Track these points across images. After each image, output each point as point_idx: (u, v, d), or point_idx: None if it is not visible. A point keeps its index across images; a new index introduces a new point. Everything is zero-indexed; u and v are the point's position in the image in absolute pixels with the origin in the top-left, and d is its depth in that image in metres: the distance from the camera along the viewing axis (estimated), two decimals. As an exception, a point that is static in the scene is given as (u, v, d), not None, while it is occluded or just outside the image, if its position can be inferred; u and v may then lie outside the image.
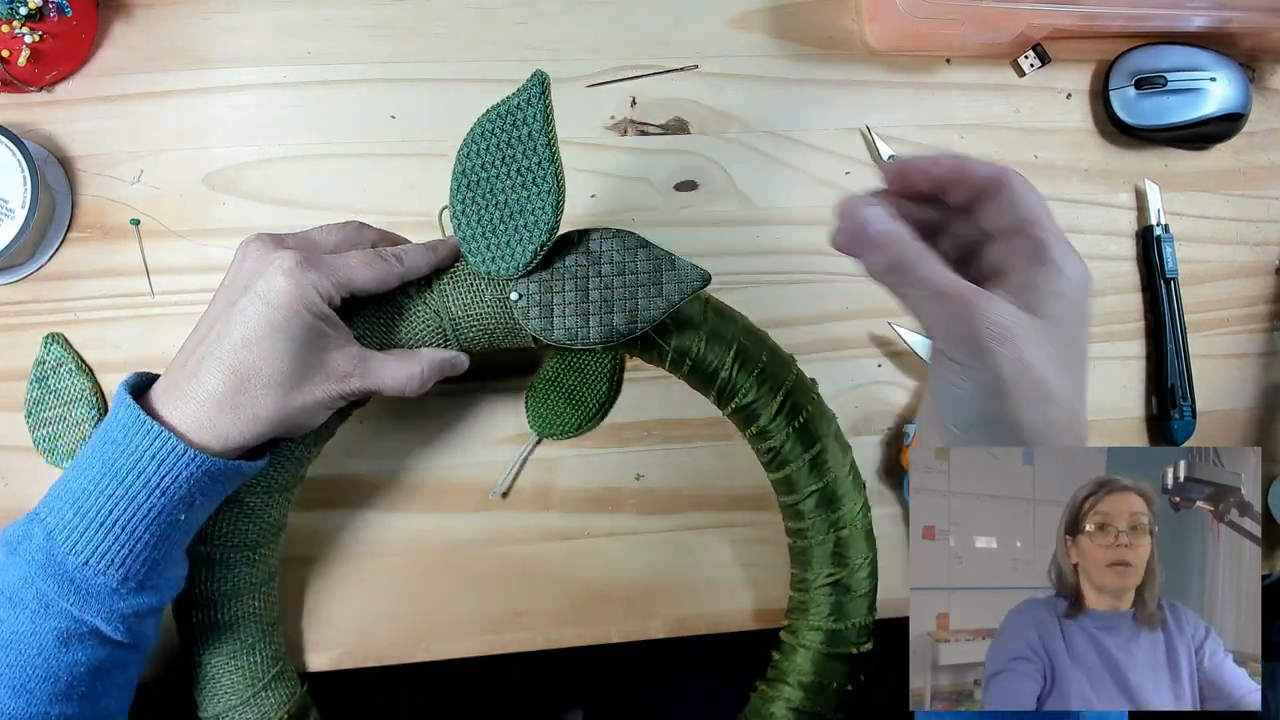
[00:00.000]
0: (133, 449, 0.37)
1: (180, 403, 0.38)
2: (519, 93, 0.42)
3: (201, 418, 0.38)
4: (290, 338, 0.38)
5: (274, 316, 0.38)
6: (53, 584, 0.37)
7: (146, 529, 0.38)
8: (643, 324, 0.45)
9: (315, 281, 0.39)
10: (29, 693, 0.37)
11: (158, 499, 0.37)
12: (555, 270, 0.45)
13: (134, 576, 0.38)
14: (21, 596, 0.37)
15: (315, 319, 0.39)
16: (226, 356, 0.38)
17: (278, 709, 0.46)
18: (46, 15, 0.52)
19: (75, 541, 0.37)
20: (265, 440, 0.40)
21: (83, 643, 0.38)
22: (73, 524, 0.37)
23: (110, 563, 0.37)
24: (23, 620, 0.37)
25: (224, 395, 0.38)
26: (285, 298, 0.38)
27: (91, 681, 0.39)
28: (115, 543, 0.37)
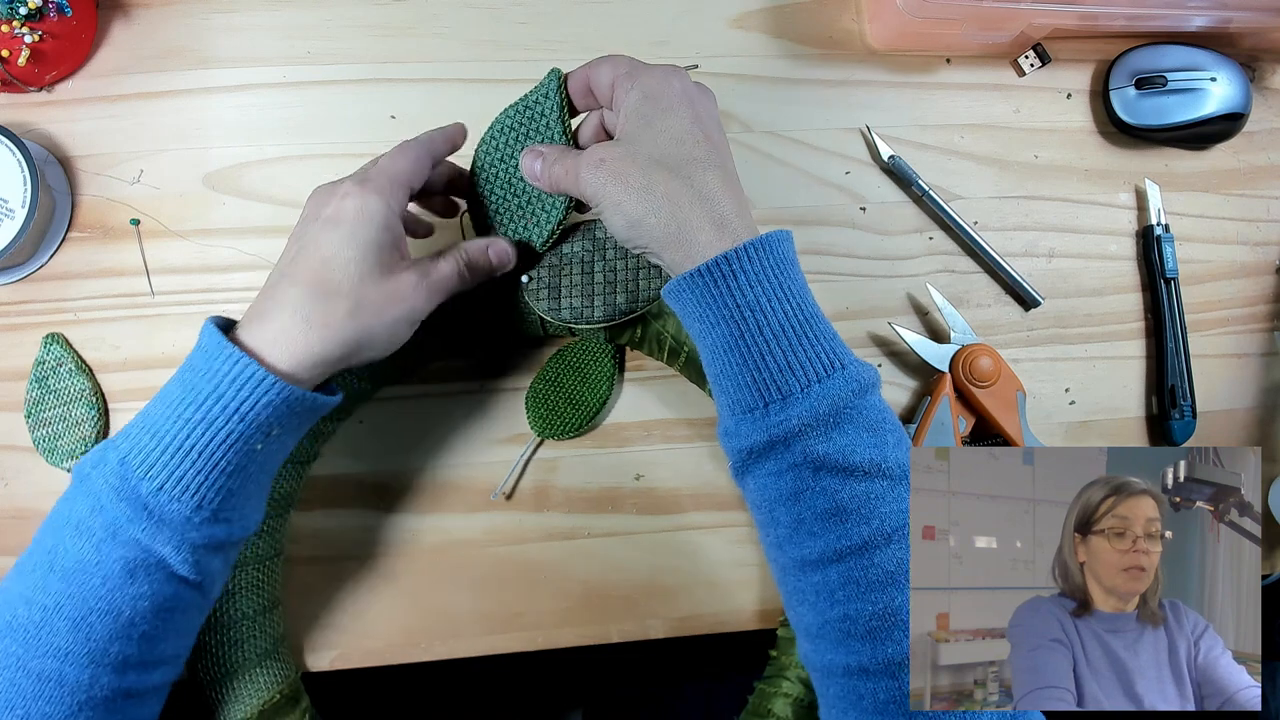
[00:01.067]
0: (213, 373, 0.38)
1: (258, 327, 0.39)
2: (537, 88, 0.46)
3: (278, 337, 0.39)
4: (359, 245, 0.40)
5: (341, 230, 0.40)
6: (125, 509, 0.37)
7: (223, 455, 0.37)
8: (643, 303, 0.48)
9: (375, 192, 0.41)
10: (88, 626, 0.37)
11: (236, 424, 0.37)
12: (563, 256, 0.49)
13: (208, 505, 0.38)
14: (89, 525, 0.37)
15: (385, 228, 0.41)
16: (300, 274, 0.40)
17: (271, 687, 0.47)
18: (46, 15, 0.52)
19: (150, 466, 0.37)
20: (342, 357, 0.40)
21: (149, 575, 0.37)
22: (148, 449, 0.37)
23: (185, 489, 0.37)
24: (88, 549, 0.37)
25: (298, 309, 0.39)
26: (349, 213, 0.41)
27: (153, 620, 0.38)
28: (191, 468, 0.37)
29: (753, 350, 0.38)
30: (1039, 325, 0.58)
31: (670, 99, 0.41)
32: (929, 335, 0.56)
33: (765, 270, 0.39)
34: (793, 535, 0.39)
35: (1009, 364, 0.54)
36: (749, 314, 0.38)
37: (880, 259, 0.58)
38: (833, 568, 0.38)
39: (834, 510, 0.38)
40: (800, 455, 0.38)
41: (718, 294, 0.39)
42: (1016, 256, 0.58)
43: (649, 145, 0.41)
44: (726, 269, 0.38)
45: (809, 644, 0.40)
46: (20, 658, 0.36)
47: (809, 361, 0.38)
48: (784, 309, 0.39)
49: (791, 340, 0.38)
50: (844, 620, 0.37)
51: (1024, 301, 0.58)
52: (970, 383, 0.53)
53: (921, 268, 0.58)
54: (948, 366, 0.54)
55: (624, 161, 0.41)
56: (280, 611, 0.50)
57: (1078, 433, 0.58)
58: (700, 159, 0.40)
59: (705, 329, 0.40)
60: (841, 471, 0.37)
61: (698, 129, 0.41)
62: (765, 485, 0.40)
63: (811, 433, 0.38)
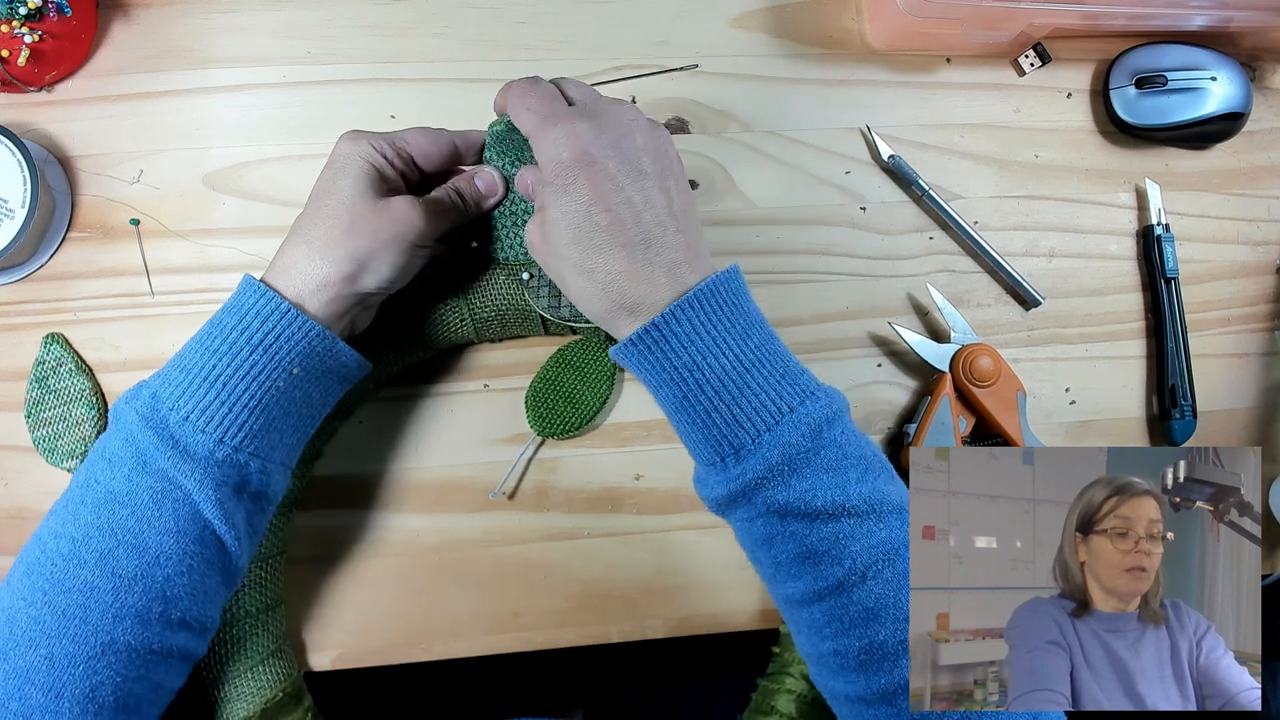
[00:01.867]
0: (239, 307, 0.40)
1: (276, 264, 0.42)
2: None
3: (289, 265, 0.41)
4: (349, 176, 0.43)
5: (335, 167, 0.43)
6: (153, 439, 0.38)
7: (246, 388, 0.39)
8: None
9: (371, 140, 0.44)
10: (114, 559, 0.37)
11: (259, 356, 0.39)
12: None
13: (229, 440, 0.39)
14: (120, 456, 0.38)
15: (371, 166, 0.43)
16: (306, 214, 0.43)
17: (274, 685, 0.47)
18: (46, 15, 0.52)
19: (178, 398, 0.39)
20: (345, 276, 0.41)
21: (175, 508, 0.38)
22: (176, 380, 0.39)
23: (209, 419, 0.38)
24: (119, 479, 0.38)
25: (300, 236, 0.42)
26: (343, 152, 0.43)
27: (177, 563, 0.38)
28: (215, 399, 0.39)
29: (698, 409, 0.39)
30: (1039, 325, 0.58)
31: (561, 177, 0.39)
32: (929, 335, 0.56)
33: (697, 325, 0.38)
34: (775, 575, 0.41)
35: (1009, 364, 0.54)
36: (687, 374, 0.39)
37: (880, 259, 0.58)
38: (815, 606, 0.39)
39: (805, 554, 0.38)
40: (763, 505, 0.38)
41: (654, 358, 0.39)
42: (1016, 256, 0.58)
43: (553, 236, 0.40)
44: (656, 334, 0.38)
45: (813, 667, 0.42)
46: (46, 593, 0.37)
47: (755, 413, 0.38)
48: (720, 364, 0.38)
49: (734, 394, 0.38)
50: (835, 655, 0.38)
51: (1024, 301, 0.58)
52: (970, 383, 0.53)
53: (921, 267, 0.58)
54: (948, 366, 0.54)
55: (543, 250, 0.42)
56: (282, 610, 0.50)
57: (1078, 433, 0.58)
58: (600, 244, 0.38)
59: (654, 388, 0.41)
60: (805, 517, 0.38)
61: (595, 206, 0.38)
62: (742, 529, 0.41)
63: (769, 484, 0.38)
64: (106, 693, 0.37)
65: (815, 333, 0.56)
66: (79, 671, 0.36)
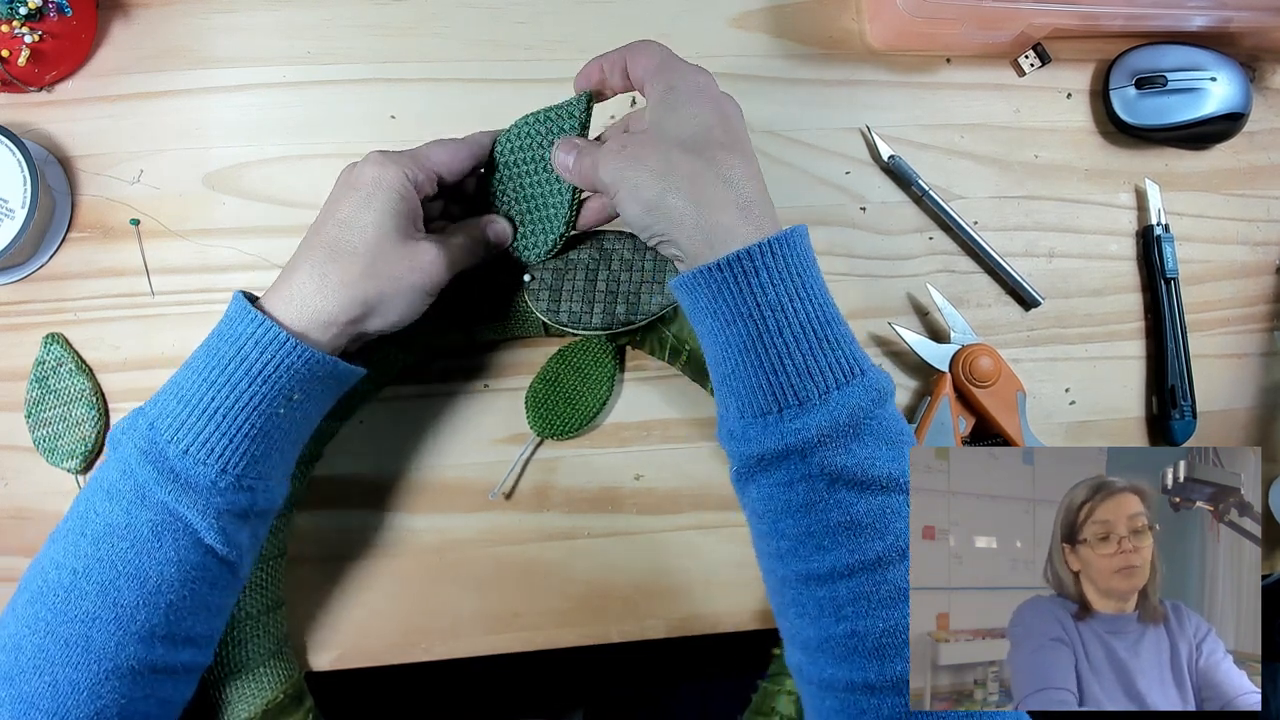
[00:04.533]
0: (236, 335, 0.39)
1: (281, 290, 0.40)
2: (564, 104, 0.46)
3: (293, 296, 0.40)
4: (375, 209, 0.41)
5: (360, 194, 0.41)
6: (152, 473, 0.37)
7: (246, 418, 0.38)
8: (642, 316, 0.48)
9: (403, 166, 0.42)
10: (116, 590, 0.37)
11: (259, 387, 0.38)
12: (568, 261, 0.49)
13: (232, 469, 0.38)
14: (119, 489, 0.38)
15: (402, 199, 0.42)
16: (320, 236, 0.41)
17: (275, 687, 0.47)
18: (46, 15, 0.52)
19: (177, 430, 0.38)
20: (354, 319, 0.41)
21: (176, 540, 0.38)
22: (175, 412, 0.38)
23: (210, 451, 0.38)
24: (118, 512, 0.37)
25: (315, 267, 0.40)
26: (367, 179, 0.41)
27: (180, 589, 0.38)
28: (216, 430, 0.38)
29: (770, 352, 0.37)
30: (1039, 325, 0.58)
31: (697, 91, 0.41)
32: (929, 335, 0.56)
33: (789, 268, 0.37)
34: (798, 548, 0.38)
35: (1009, 364, 0.54)
36: (769, 314, 0.37)
37: (880, 259, 0.58)
38: (842, 583, 0.37)
39: (848, 524, 0.36)
40: (817, 467, 0.36)
41: (737, 291, 0.37)
42: (1016, 256, 0.58)
43: (672, 130, 0.40)
44: (750, 265, 0.37)
45: (804, 656, 0.39)
46: (49, 623, 0.37)
47: (829, 368, 0.37)
48: (806, 310, 0.37)
49: (812, 344, 0.37)
50: (851, 636, 0.36)
51: (1024, 301, 0.58)
52: (970, 383, 0.53)
53: (921, 268, 0.58)
54: (948, 366, 0.54)
55: (644, 146, 0.40)
56: (283, 611, 0.50)
57: (1078, 433, 0.58)
58: (723, 143, 0.40)
59: (720, 325, 0.38)
60: (858, 485, 0.36)
61: (721, 120, 0.40)
62: (773, 495, 0.38)
63: (830, 443, 0.36)
64: (112, 714, 0.37)
65: (815, 333, 0.56)
66: (84, 697, 0.36)
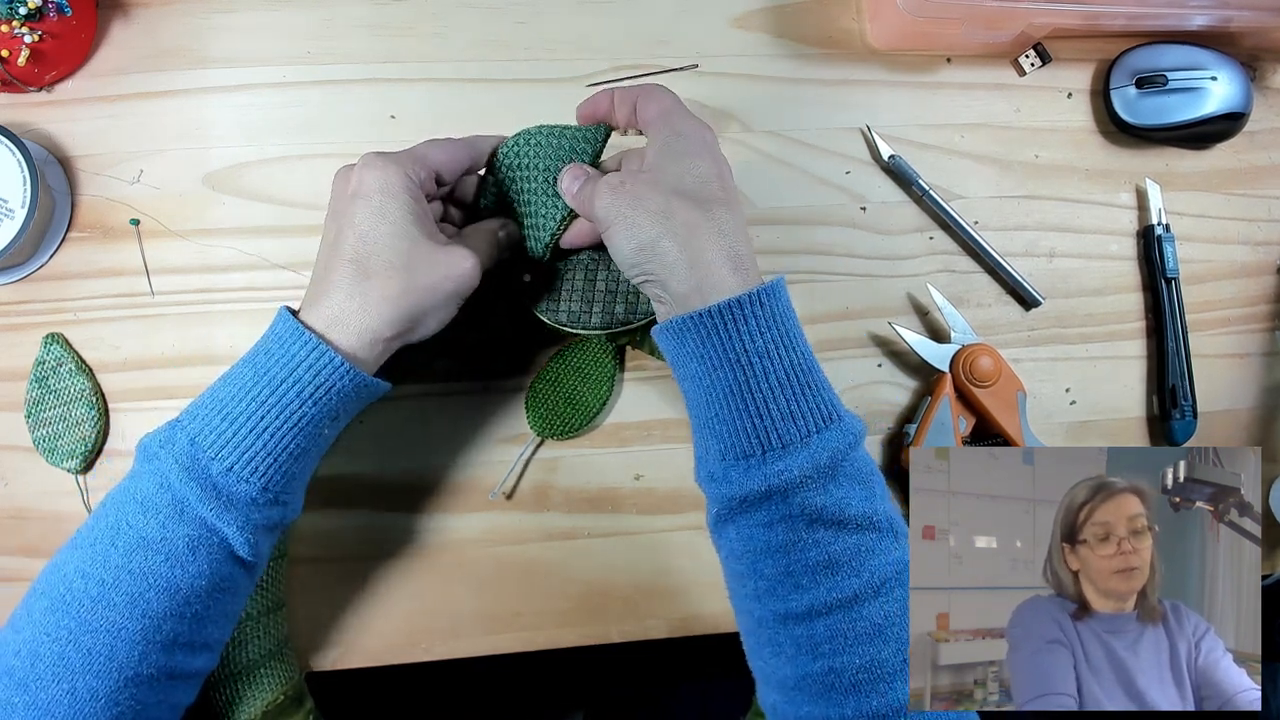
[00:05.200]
0: (288, 358, 0.38)
1: (321, 311, 0.40)
2: (584, 129, 0.46)
3: (338, 318, 0.39)
4: (392, 219, 0.40)
5: (373, 203, 0.41)
6: (194, 489, 0.37)
7: (294, 439, 0.38)
8: (641, 315, 0.48)
9: (405, 167, 0.42)
10: (145, 602, 0.37)
11: (310, 409, 0.38)
12: (568, 261, 0.49)
13: (272, 487, 0.39)
14: (155, 502, 0.38)
15: (413, 201, 0.41)
16: (346, 252, 0.40)
17: (276, 688, 0.47)
18: (46, 15, 0.52)
19: (221, 447, 0.38)
20: (399, 334, 0.41)
21: (210, 554, 0.38)
22: (219, 429, 0.38)
23: (254, 470, 0.38)
24: (153, 525, 0.37)
25: (353, 286, 0.40)
26: (373, 185, 0.41)
27: (206, 600, 0.38)
28: (263, 450, 0.38)
29: (756, 397, 0.38)
30: (1039, 325, 0.58)
31: (701, 144, 0.42)
32: (929, 335, 0.55)
33: (773, 317, 0.39)
34: (775, 588, 0.39)
35: (1009, 364, 0.54)
36: (756, 360, 0.38)
37: (880, 259, 0.58)
38: (819, 620, 0.38)
39: (826, 563, 0.38)
40: (797, 507, 0.38)
41: (725, 338, 0.38)
42: (1017, 256, 0.58)
43: (673, 177, 0.41)
44: (739, 313, 0.38)
45: (780, 695, 0.39)
46: (73, 631, 0.37)
47: (810, 412, 0.38)
48: (790, 358, 0.39)
49: (795, 390, 0.38)
50: (828, 673, 0.37)
51: (1024, 301, 0.58)
52: (970, 383, 0.53)
53: (921, 268, 0.58)
54: (948, 366, 0.54)
55: (645, 186, 0.41)
56: (284, 612, 0.50)
57: (1078, 433, 0.58)
58: (721, 199, 0.41)
59: (705, 370, 0.39)
60: (836, 524, 0.38)
61: (719, 176, 0.42)
62: (752, 536, 0.39)
63: (810, 484, 0.38)
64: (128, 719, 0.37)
65: (815, 333, 0.56)
66: (101, 704, 0.36)
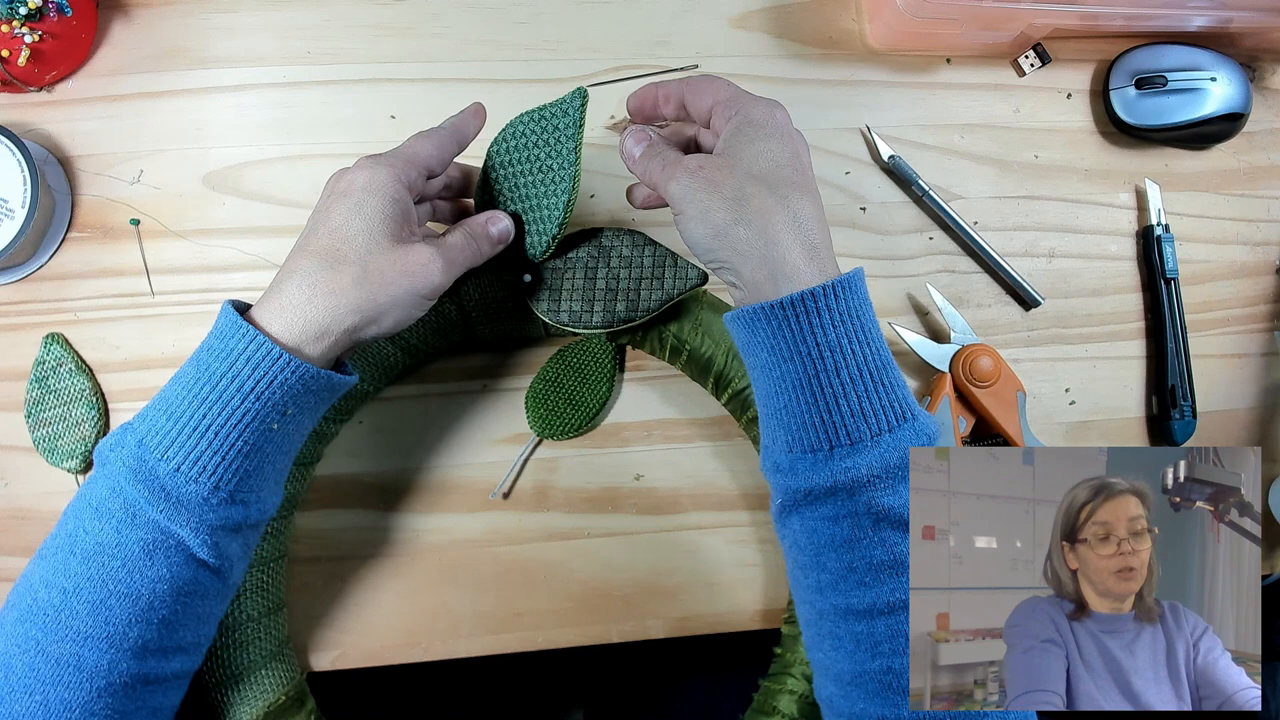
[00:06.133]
0: (227, 352, 0.38)
1: (272, 302, 0.39)
2: (559, 101, 0.45)
3: (289, 308, 0.39)
4: (366, 216, 0.40)
5: (351, 201, 0.40)
6: (142, 491, 0.37)
7: (239, 435, 0.38)
8: (642, 314, 0.48)
9: (394, 169, 0.42)
10: (107, 609, 0.37)
11: (251, 403, 0.37)
12: (567, 260, 0.49)
13: (225, 486, 0.38)
14: (108, 507, 0.37)
15: (395, 204, 0.41)
16: (309, 246, 0.40)
17: (277, 689, 0.47)
18: (46, 15, 0.52)
19: (167, 448, 0.37)
20: (349, 329, 0.40)
21: (168, 557, 0.37)
22: (164, 429, 0.37)
23: (202, 469, 0.37)
24: (108, 531, 0.37)
25: (305, 277, 0.39)
26: (358, 185, 0.41)
27: (173, 604, 0.38)
28: (208, 449, 0.37)
29: (826, 392, 0.38)
30: (1039, 325, 0.58)
31: (773, 127, 0.41)
32: (929, 335, 0.56)
33: (849, 311, 0.38)
34: (839, 583, 0.39)
35: (1009, 364, 0.54)
36: (828, 354, 0.38)
37: (880, 259, 0.58)
38: (881, 619, 0.37)
39: (891, 563, 0.37)
40: (864, 505, 0.37)
41: (798, 329, 0.38)
42: (1016, 256, 0.58)
43: (748, 162, 0.40)
44: (812, 305, 0.38)
45: (837, 689, 0.40)
46: (40, 642, 0.36)
47: (883, 410, 0.38)
48: (863, 353, 0.38)
49: (868, 386, 0.38)
50: (886, 673, 0.37)
51: (1024, 301, 0.58)
52: (970, 383, 0.53)
53: (921, 268, 0.58)
54: (948, 366, 0.54)
55: (720, 171, 0.40)
56: (284, 614, 0.50)
57: (1078, 433, 0.58)
58: (797, 184, 0.40)
59: (776, 361, 0.39)
60: (903, 525, 0.37)
61: (794, 158, 0.41)
62: (816, 529, 0.39)
63: (879, 483, 0.37)
64: None
65: (815, 333, 0.56)
66: (75, 715, 0.36)
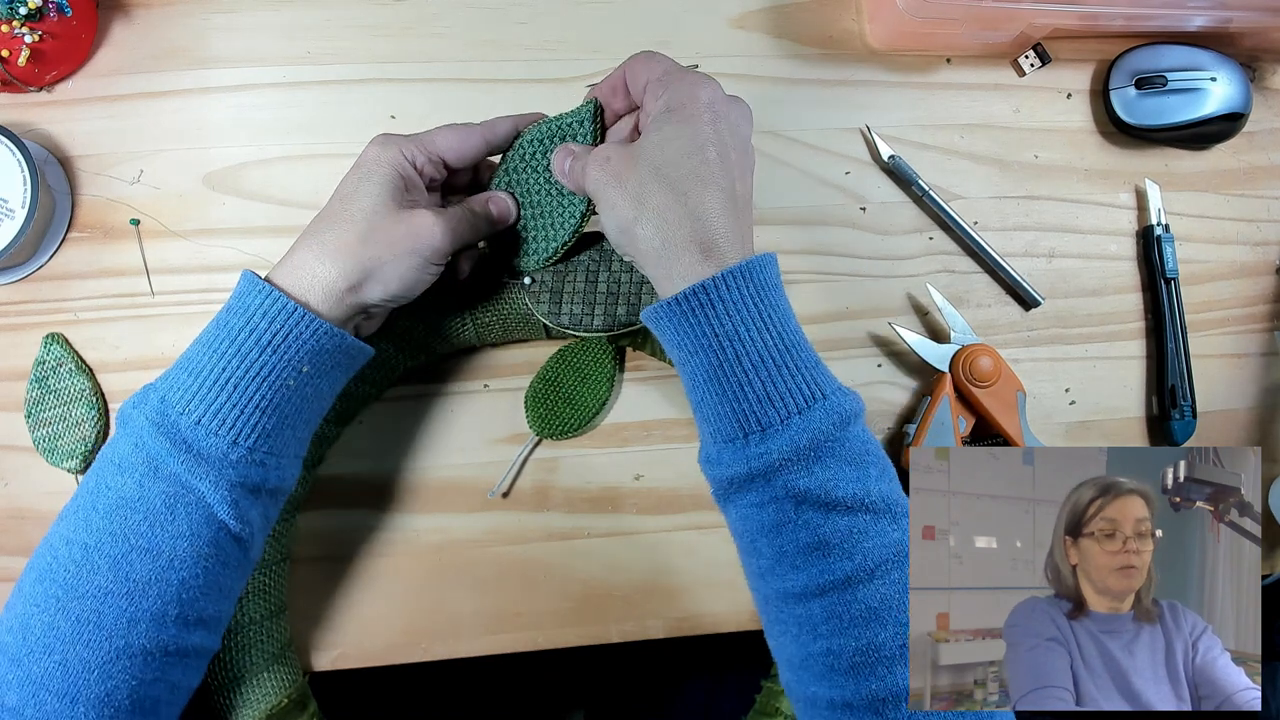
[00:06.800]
0: (245, 309, 0.39)
1: (285, 264, 0.41)
2: (573, 112, 0.46)
3: (300, 266, 0.41)
4: (374, 182, 0.43)
5: (361, 171, 0.43)
6: (165, 444, 0.37)
7: (257, 389, 0.39)
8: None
9: (401, 145, 0.44)
10: (128, 564, 0.37)
11: (268, 357, 0.39)
12: (569, 263, 0.49)
13: (244, 441, 0.38)
14: (131, 461, 0.38)
15: (398, 173, 0.43)
16: (324, 215, 0.43)
17: (279, 691, 0.47)
18: (46, 15, 0.52)
19: (188, 402, 0.38)
20: (352, 286, 0.41)
21: (189, 512, 0.38)
22: (186, 385, 0.39)
23: (222, 422, 0.38)
24: (130, 485, 0.38)
25: (316, 238, 0.42)
26: (370, 156, 0.44)
27: (192, 566, 0.38)
28: (227, 401, 0.38)
29: (731, 381, 0.38)
30: (1039, 325, 0.58)
31: (687, 111, 0.40)
32: (929, 335, 0.56)
33: (745, 298, 0.38)
34: (774, 567, 0.39)
35: (1009, 364, 0.54)
36: (727, 343, 0.38)
37: (880, 259, 0.58)
38: (815, 601, 0.38)
39: (816, 544, 0.37)
40: (781, 489, 0.38)
41: (695, 322, 0.38)
42: (1016, 256, 0.58)
43: (655, 153, 0.40)
44: (704, 298, 0.38)
45: (791, 674, 0.40)
46: (60, 599, 0.37)
47: (788, 393, 0.38)
48: (763, 339, 0.38)
49: (770, 371, 0.38)
50: (827, 654, 0.37)
51: (1024, 301, 0.58)
52: (970, 383, 0.53)
53: (921, 268, 0.58)
54: (948, 366, 0.54)
55: (625, 164, 0.40)
56: (286, 617, 0.50)
57: (1078, 433, 0.58)
58: (704, 176, 0.39)
59: (684, 356, 0.40)
60: (823, 506, 0.37)
61: (712, 144, 0.40)
62: (747, 515, 0.40)
63: (792, 466, 0.37)
64: (122, 696, 0.37)
65: (816, 333, 0.56)
66: (94, 676, 0.36)
